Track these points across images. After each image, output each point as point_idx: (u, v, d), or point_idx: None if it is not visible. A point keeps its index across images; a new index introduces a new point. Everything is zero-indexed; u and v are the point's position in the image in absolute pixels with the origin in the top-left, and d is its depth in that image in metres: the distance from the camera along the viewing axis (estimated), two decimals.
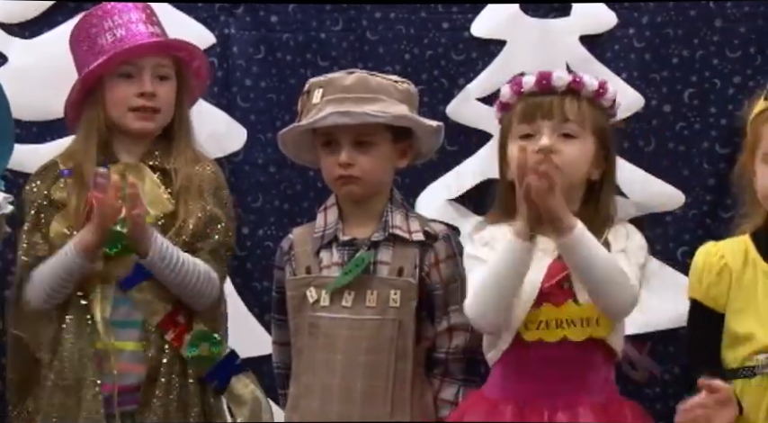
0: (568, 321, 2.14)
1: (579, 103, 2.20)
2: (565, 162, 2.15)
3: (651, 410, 2.78)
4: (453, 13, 2.96)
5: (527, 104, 2.21)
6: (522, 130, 2.21)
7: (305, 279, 2.38)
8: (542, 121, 2.18)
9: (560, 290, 2.15)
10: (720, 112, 2.79)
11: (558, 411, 2.13)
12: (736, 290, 2.10)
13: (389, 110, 2.33)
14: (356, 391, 2.30)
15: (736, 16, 2.81)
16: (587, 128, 2.20)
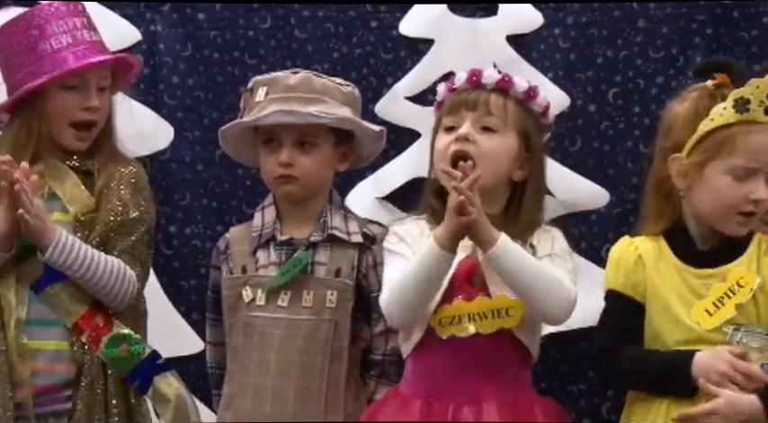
0: (480, 314, 2.15)
1: (506, 100, 2.23)
2: (481, 153, 2.17)
3: (576, 407, 2.84)
4: (382, 12, 2.96)
5: (455, 98, 2.24)
6: (447, 122, 2.23)
7: (241, 278, 2.36)
8: (465, 112, 2.21)
9: (471, 285, 2.17)
10: (644, 112, 2.84)
11: (463, 407, 2.15)
12: (652, 282, 2.14)
13: (333, 112, 2.33)
14: (290, 391, 2.29)
15: (659, 17, 2.86)
16: (510, 125, 2.21)
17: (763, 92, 2.06)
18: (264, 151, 2.38)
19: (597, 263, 2.79)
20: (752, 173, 2.07)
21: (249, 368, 2.32)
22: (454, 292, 2.18)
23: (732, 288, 2.06)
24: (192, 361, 2.80)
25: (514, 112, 2.22)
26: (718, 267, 2.09)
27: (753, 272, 2.08)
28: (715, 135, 2.09)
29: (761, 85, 2.07)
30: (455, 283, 2.18)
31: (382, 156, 2.89)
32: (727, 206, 2.09)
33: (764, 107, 2.06)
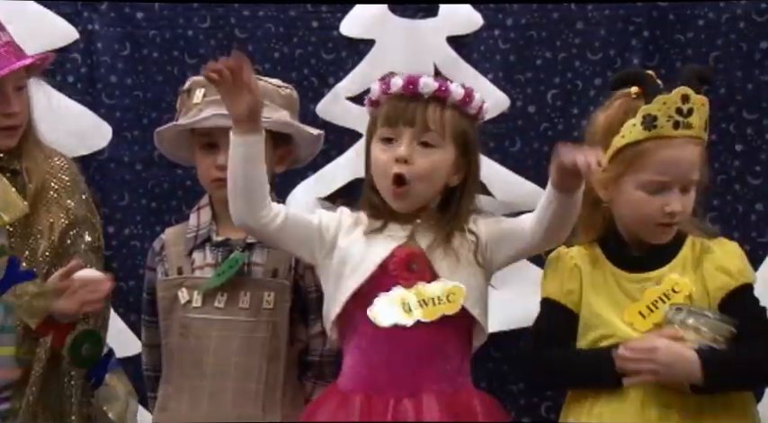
0: (420, 302, 2.15)
1: (443, 111, 2.20)
2: (420, 173, 2.17)
3: (516, 406, 2.86)
4: (322, 12, 2.96)
5: (391, 108, 2.21)
6: (384, 133, 2.22)
7: (177, 280, 2.35)
8: (404, 127, 2.19)
9: (409, 272, 2.16)
10: (582, 113, 2.85)
11: (403, 400, 2.14)
12: (587, 289, 2.16)
13: (272, 115, 2.32)
14: (227, 392, 2.28)
15: (597, 19, 2.89)
16: (448, 136, 2.20)
17: (670, 107, 2.09)
18: (202, 153, 2.36)
19: (536, 263, 2.80)
20: (664, 186, 2.10)
21: (185, 370, 2.31)
22: (392, 280, 2.16)
23: (667, 293, 2.09)
24: (130, 362, 2.77)
25: (452, 121, 2.20)
26: (652, 271, 2.12)
27: (687, 277, 2.10)
28: (626, 151, 2.12)
29: (667, 101, 2.09)
30: (394, 271, 2.16)
31: (323, 156, 2.90)
32: (645, 218, 2.12)
33: (673, 121, 2.09)
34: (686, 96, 2.10)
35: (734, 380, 2.04)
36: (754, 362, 2.04)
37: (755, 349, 2.04)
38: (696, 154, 2.11)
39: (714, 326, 2.05)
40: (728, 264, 2.10)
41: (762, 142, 2.81)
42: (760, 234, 2.80)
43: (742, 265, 2.12)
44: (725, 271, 2.09)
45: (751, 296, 2.11)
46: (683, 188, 2.11)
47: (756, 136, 2.82)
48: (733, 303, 2.08)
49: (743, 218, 2.78)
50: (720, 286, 2.08)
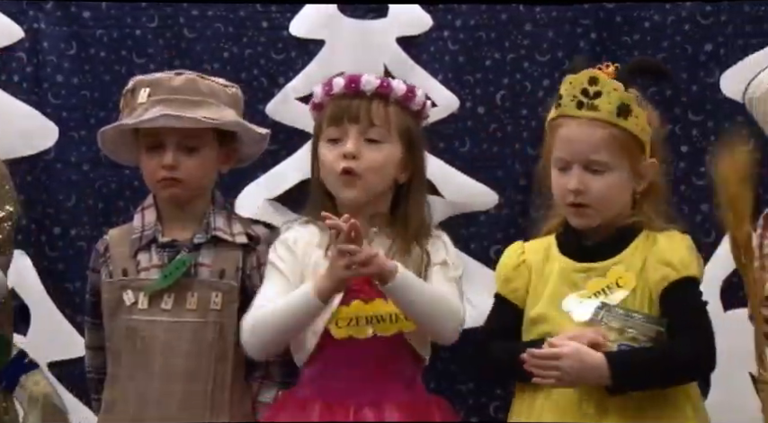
0: (378, 317, 2.17)
1: (387, 107, 2.23)
2: (369, 167, 2.18)
3: (464, 405, 2.87)
4: (272, 12, 2.95)
5: (335, 107, 2.24)
6: (331, 133, 2.23)
7: (122, 281, 2.33)
8: (349, 124, 2.20)
9: (369, 287, 2.17)
10: (531, 114, 2.87)
11: (364, 408, 2.15)
12: (535, 283, 2.17)
13: (218, 114, 2.31)
14: (174, 394, 2.27)
15: (545, 21, 2.90)
16: (393, 132, 2.22)
17: (575, 88, 2.12)
18: (147, 154, 2.35)
19: (485, 263, 2.82)
20: (567, 165, 2.12)
21: (132, 372, 2.30)
22: (353, 294, 2.18)
23: (610, 286, 2.10)
24: (76, 364, 2.76)
25: (396, 117, 2.23)
26: (599, 262, 2.13)
27: (633, 270, 2.11)
28: (546, 131, 2.18)
29: (574, 81, 2.13)
30: (354, 285, 2.18)
31: (273, 157, 2.89)
32: (559, 199, 2.15)
33: (577, 101, 2.11)
34: (594, 79, 2.12)
35: (649, 379, 2.03)
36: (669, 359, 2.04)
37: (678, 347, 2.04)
38: (601, 136, 2.10)
39: (640, 326, 2.06)
40: (671, 256, 2.10)
41: (707, 144, 2.83)
42: (705, 234, 2.83)
43: (687, 258, 2.11)
44: (667, 263, 2.09)
45: (692, 290, 2.11)
46: (588, 168, 2.11)
47: (701, 137, 2.84)
48: (672, 296, 2.08)
49: (688, 219, 2.80)
50: (661, 278, 2.08)
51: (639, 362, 2.03)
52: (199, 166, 2.32)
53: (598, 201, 2.11)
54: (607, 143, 2.10)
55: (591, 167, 2.11)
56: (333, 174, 2.21)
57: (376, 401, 2.16)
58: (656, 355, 2.04)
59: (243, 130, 2.37)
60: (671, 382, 2.07)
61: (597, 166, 2.11)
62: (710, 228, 2.83)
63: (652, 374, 2.03)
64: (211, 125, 2.30)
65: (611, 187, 2.11)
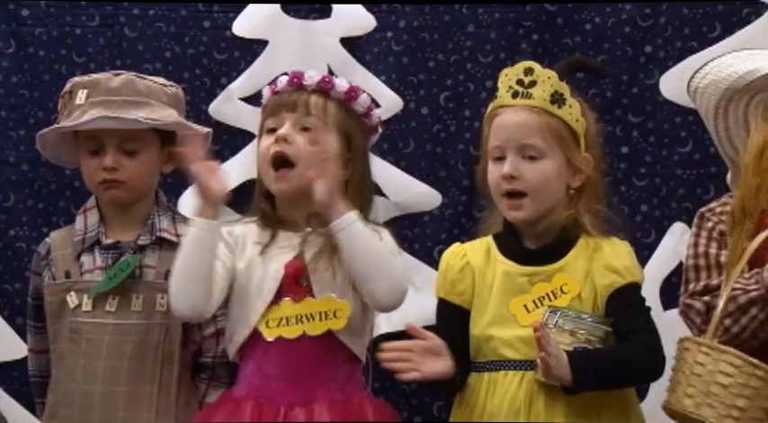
0: (307, 316, 2.16)
1: (326, 101, 2.23)
2: (302, 152, 2.17)
3: (408, 406, 2.88)
4: (214, 11, 2.94)
5: (276, 100, 2.24)
6: (269, 124, 2.23)
7: (65, 284, 2.30)
8: (286, 113, 2.21)
9: (299, 287, 2.17)
10: (474, 115, 2.89)
11: (295, 408, 2.15)
12: (479, 287, 2.17)
13: (159, 115, 2.29)
14: (119, 397, 2.25)
15: (488, 22, 2.92)
16: (331, 126, 2.22)
17: (511, 79, 2.15)
18: (86, 155, 2.33)
19: (429, 264, 2.83)
20: (502, 152, 2.14)
21: (76, 375, 2.27)
22: (282, 294, 2.17)
23: (555, 291, 2.12)
24: (15, 366, 2.72)
25: (335, 112, 2.23)
26: (543, 266, 2.14)
27: (577, 275, 2.13)
28: (483, 127, 2.20)
29: (509, 72, 2.17)
30: (283, 285, 2.17)
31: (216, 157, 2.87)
32: (495, 190, 2.16)
33: (512, 91, 2.15)
34: (530, 69, 2.15)
35: (607, 380, 2.05)
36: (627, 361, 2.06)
37: (632, 348, 2.06)
38: (534, 122, 2.12)
39: (590, 328, 2.08)
40: (617, 262, 2.13)
41: (647, 145, 2.88)
42: (645, 235, 2.87)
43: (630, 264, 2.15)
44: (613, 269, 2.12)
45: (636, 294, 2.14)
46: (522, 154, 2.13)
47: (641, 138, 2.88)
48: (618, 301, 2.10)
49: (629, 219, 2.83)
50: (608, 284, 2.11)
51: (599, 363, 2.04)
52: (140, 168, 2.31)
53: (532, 188, 2.12)
54: (541, 129, 2.12)
55: (525, 153, 2.13)
56: (265, 163, 2.20)
57: (307, 401, 2.15)
58: (614, 356, 2.06)
59: (185, 130, 2.35)
60: (627, 382, 2.11)
61: (531, 152, 2.13)
62: (650, 228, 2.87)
63: (611, 375, 2.05)
64: (151, 125, 2.29)
65: (544, 174, 2.13)
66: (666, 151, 2.87)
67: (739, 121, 2.22)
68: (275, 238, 2.20)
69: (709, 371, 1.91)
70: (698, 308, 2.09)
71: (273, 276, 2.17)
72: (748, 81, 2.12)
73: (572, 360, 2.00)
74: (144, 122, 2.27)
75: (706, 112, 2.24)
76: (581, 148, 2.17)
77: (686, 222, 2.80)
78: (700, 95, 2.23)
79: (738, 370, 1.90)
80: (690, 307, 2.11)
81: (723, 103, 2.20)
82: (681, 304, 2.15)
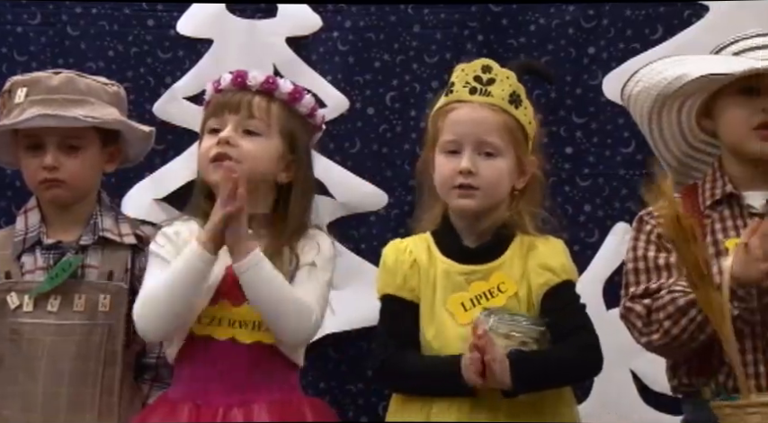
0: (240, 323, 2.15)
1: (270, 103, 2.21)
2: (243, 156, 2.16)
3: (354, 406, 2.88)
4: (158, 10, 2.92)
5: (219, 99, 2.22)
6: (212, 124, 2.21)
7: (5, 284, 2.27)
8: (229, 115, 2.19)
9: (239, 290, 2.14)
10: (420, 116, 2.87)
11: (233, 408, 2.13)
12: (424, 284, 2.16)
13: (99, 113, 2.27)
14: (61, 398, 2.23)
15: (433, 23, 2.94)
16: (273, 127, 2.21)
17: (468, 74, 2.15)
18: (26, 155, 2.30)
19: (375, 264, 2.81)
20: (458, 147, 2.14)
21: (17, 376, 2.24)
22: (222, 295, 2.15)
23: (492, 290, 2.12)
24: None
25: (279, 114, 2.21)
26: (481, 264, 2.15)
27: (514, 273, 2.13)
28: (431, 121, 2.19)
29: (466, 68, 2.17)
30: (223, 287, 2.15)
31: (161, 156, 2.86)
32: (445, 182, 2.15)
33: (470, 87, 2.15)
34: (487, 67, 2.15)
35: (545, 381, 2.06)
36: (566, 360, 2.07)
37: (570, 348, 2.07)
38: (494, 120, 2.13)
39: (525, 329, 2.08)
40: (552, 261, 2.14)
41: (590, 145, 2.91)
42: (588, 234, 2.90)
43: (565, 262, 2.16)
44: (548, 268, 2.13)
45: (572, 293, 2.15)
46: (479, 150, 2.13)
47: (585, 139, 2.91)
48: (554, 299, 2.11)
49: (572, 219, 2.86)
50: (543, 283, 2.12)
51: (538, 365, 2.05)
52: (81, 167, 2.28)
53: (487, 184, 2.12)
54: (499, 128, 2.13)
55: (482, 150, 2.13)
56: (205, 161, 2.19)
57: (245, 402, 2.14)
58: (551, 357, 2.07)
59: (126, 129, 2.34)
60: (565, 382, 2.12)
61: (489, 149, 2.13)
62: (594, 228, 2.90)
63: (548, 376, 2.06)
64: (91, 124, 2.26)
65: (500, 172, 2.14)
66: (609, 152, 2.90)
67: (673, 125, 2.25)
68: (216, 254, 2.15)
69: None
70: (638, 311, 2.11)
71: (213, 279, 2.15)
72: (677, 87, 2.15)
73: (511, 364, 2.01)
74: (84, 120, 2.24)
75: (640, 118, 2.27)
76: (529, 149, 2.19)
77: (629, 222, 2.80)
78: (633, 102, 2.25)
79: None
80: (630, 310, 2.13)
81: (656, 109, 2.23)
82: (621, 308, 2.16)
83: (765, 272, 1.97)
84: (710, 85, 2.15)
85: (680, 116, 2.24)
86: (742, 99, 2.12)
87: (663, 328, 2.06)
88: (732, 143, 2.16)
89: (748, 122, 2.11)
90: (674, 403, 2.56)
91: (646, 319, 2.10)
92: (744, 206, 2.14)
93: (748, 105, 2.11)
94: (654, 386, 2.80)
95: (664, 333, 2.06)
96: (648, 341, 2.10)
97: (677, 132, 2.26)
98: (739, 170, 2.16)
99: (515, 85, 2.15)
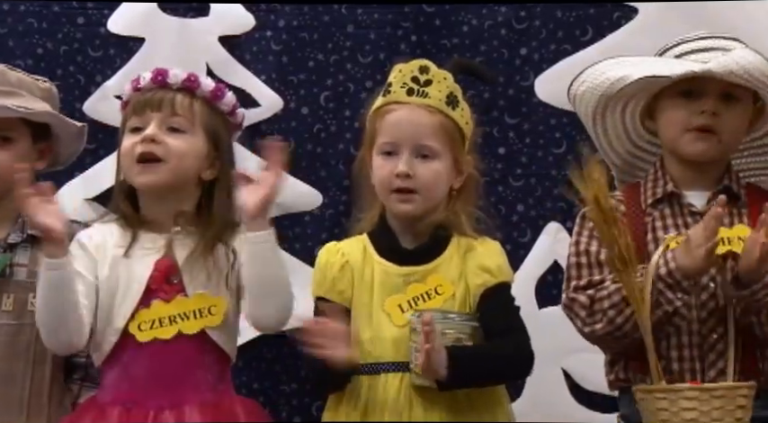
0: (181, 315, 2.13)
1: (192, 100, 2.19)
2: (168, 153, 2.14)
3: (288, 407, 2.87)
4: (89, 8, 2.90)
5: (140, 98, 2.20)
6: (134, 123, 2.19)
7: None
8: (151, 113, 2.17)
9: (169, 285, 2.14)
10: (354, 115, 2.89)
11: (164, 410, 2.12)
12: (358, 287, 2.17)
13: (31, 105, 2.24)
14: None
15: (367, 23, 2.94)
16: (197, 125, 2.19)
17: (405, 75, 2.16)
18: None
19: (309, 264, 2.79)
20: (395, 149, 2.15)
21: None
22: (152, 295, 2.14)
23: (429, 292, 2.13)
24: None
25: (201, 111, 2.20)
26: (419, 266, 2.15)
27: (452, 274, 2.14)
28: (369, 121, 2.20)
29: (404, 69, 2.17)
30: (152, 286, 2.14)
31: (91, 156, 2.82)
32: (383, 184, 2.16)
33: (407, 88, 2.15)
34: (425, 67, 2.16)
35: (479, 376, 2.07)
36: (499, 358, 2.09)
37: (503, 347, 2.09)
38: (432, 122, 2.14)
39: (458, 326, 2.09)
40: (489, 262, 2.16)
41: (522, 146, 2.93)
42: (521, 234, 2.92)
43: (502, 263, 2.18)
44: (486, 269, 2.15)
45: (507, 294, 2.17)
46: (416, 153, 2.14)
47: (518, 140, 2.93)
48: (490, 300, 2.13)
49: (505, 219, 2.88)
50: (480, 284, 2.13)
51: (473, 360, 2.06)
52: (10, 161, 2.24)
53: (425, 186, 2.14)
54: (436, 130, 2.14)
55: (420, 152, 2.14)
56: (130, 160, 2.16)
57: (177, 403, 2.12)
58: (487, 354, 2.09)
59: (58, 125, 2.31)
60: (499, 378, 2.14)
61: (426, 152, 2.14)
62: (527, 227, 2.92)
63: (483, 372, 2.07)
64: (22, 114, 2.23)
65: (438, 174, 2.15)
66: (542, 152, 2.92)
67: (617, 125, 2.29)
68: (137, 238, 2.16)
69: (673, 412, 1.94)
70: (582, 301, 2.13)
71: (139, 278, 2.13)
72: (619, 88, 2.18)
73: (449, 356, 2.02)
74: (15, 110, 2.21)
75: (585, 118, 2.30)
76: (466, 149, 2.20)
77: (561, 222, 2.86)
78: (578, 102, 2.28)
79: (697, 400, 1.94)
80: (574, 300, 2.15)
81: (600, 110, 2.26)
82: (564, 299, 2.18)
83: (706, 254, 2.00)
84: (652, 87, 2.18)
85: (624, 116, 2.27)
86: (681, 101, 2.16)
87: (606, 317, 2.09)
88: (671, 144, 2.19)
89: (686, 124, 2.15)
90: (605, 402, 2.60)
91: (589, 308, 2.12)
92: (684, 205, 2.18)
93: (687, 107, 2.15)
94: (585, 385, 2.83)
95: (608, 322, 2.09)
96: (592, 331, 2.12)
97: (621, 132, 2.29)
98: (680, 170, 2.20)
99: (452, 87, 2.16)
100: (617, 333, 2.09)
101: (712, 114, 2.13)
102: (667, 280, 2.03)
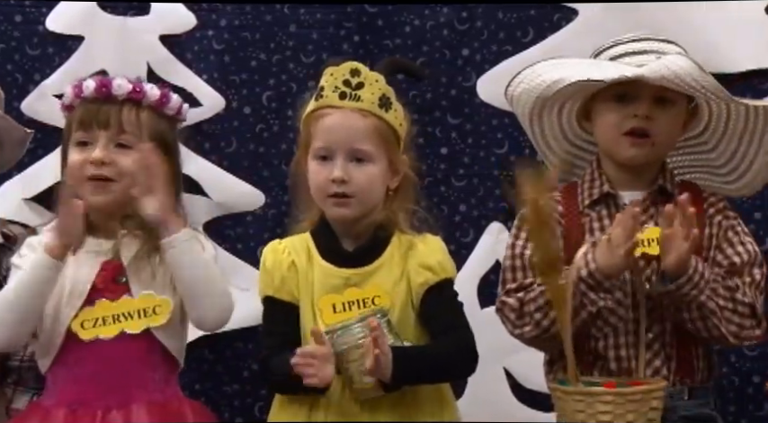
0: (125, 315, 2.12)
1: (139, 112, 2.17)
2: (120, 173, 2.13)
3: (230, 407, 2.86)
4: (26, 6, 2.86)
5: (85, 111, 2.16)
6: (80, 136, 2.16)
7: None
8: (99, 130, 2.14)
9: (116, 285, 2.13)
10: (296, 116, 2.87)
11: (112, 410, 2.10)
12: (303, 286, 2.16)
13: None
14: None
15: (309, 23, 2.94)
16: (144, 136, 2.17)
17: (337, 79, 2.14)
18: None
19: (252, 264, 2.82)
20: (329, 153, 2.14)
21: None
22: (98, 294, 2.12)
23: (365, 300, 2.12)
24: None
25: (148, 121, 2.17)
26: (360, 267, 2.14)
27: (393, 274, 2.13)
28: (303, 124, 2.19)
29: (335, 72, 2.15)
30: (99, 285, 2.12)
31: (30, 155, 2.78)
32: (319, 190, 2.15)
33: (339, 92, 2.14)
34: (356, 70, 2.14)
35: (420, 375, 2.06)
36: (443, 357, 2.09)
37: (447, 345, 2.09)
38: (365, 125, 2.13)
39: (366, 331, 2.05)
40: (430, 259, 2.15)
41: (465, 146, 2.94)
42: (463, 234, 2.93)
43: (443, 260, 2.17)
44: (427, 267, 2.14)
45: (450, 290, 2.17)
46: (350, 157, 2.13)
47: (460, 140, 2.94)
48: (433, 298, 2.13)
49: (448, 219, 2.90)
50: (422, 282, 2.13)
51: (416, 359, 2.06)
52: None
53: (361, 190, 2.13)
54: (370, 133, 2.13)
55: (355, 156, 2.13)
56: (80, 178, 2.14)
57: (124, 403, 2.10)
58: (431, 353, 2.09)
59: (6, 126, 2.26)
60: (442, 378, 2.13)
61: (361, 155, 2.13)
62: (469, 227, 2.94)
63: (426, 372, 2.07)
64: None
65: (373, 178, 2.14)
66: (484, 152, 2.94)
67: (554, 126, 2.31)
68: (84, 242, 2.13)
69: (590, 414, 1.96)
70: (511, 304, 2.15)
71: (85, 279, 2.12)
72: (555, 90, 2.19)
73: (393, 358, 2.02)
74: None
75: (522, 118, 2.31)
76: (400, 149, 2.20)
77: (503, 222, 2.88)
78: (516, 103, 2.29)
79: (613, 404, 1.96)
80: (504, 303, 2.17)
81: (536, 111, 2.27)
82: (497, 302, 2.20)
83: (625, 255, 2.03)
84: (586, 90, 2.20)
85: (561, 117, 2.29)
86: (615, 104, 2.18)
87: (534, 319, 2.11)
88: (606, 147, 2.21)
89: (619, 128, 2.17)
90: (546, 400, 2.62)
91: (518, 311, 2.14)
92: (620, 205, 2.19)
93: (620, 111, 2.17)
94: (526, 384, 2.85)
95: (535, 325, 2.11)
96: (521, 334, 2.14)
97: (558, 132, 2.31)
98: (616, 170, 2.22)
99: (384, 88, 2.16)
100: (544, 335, 2.11)
101: (646, 118, 2.15)
102: (589, 281, 2.05)
